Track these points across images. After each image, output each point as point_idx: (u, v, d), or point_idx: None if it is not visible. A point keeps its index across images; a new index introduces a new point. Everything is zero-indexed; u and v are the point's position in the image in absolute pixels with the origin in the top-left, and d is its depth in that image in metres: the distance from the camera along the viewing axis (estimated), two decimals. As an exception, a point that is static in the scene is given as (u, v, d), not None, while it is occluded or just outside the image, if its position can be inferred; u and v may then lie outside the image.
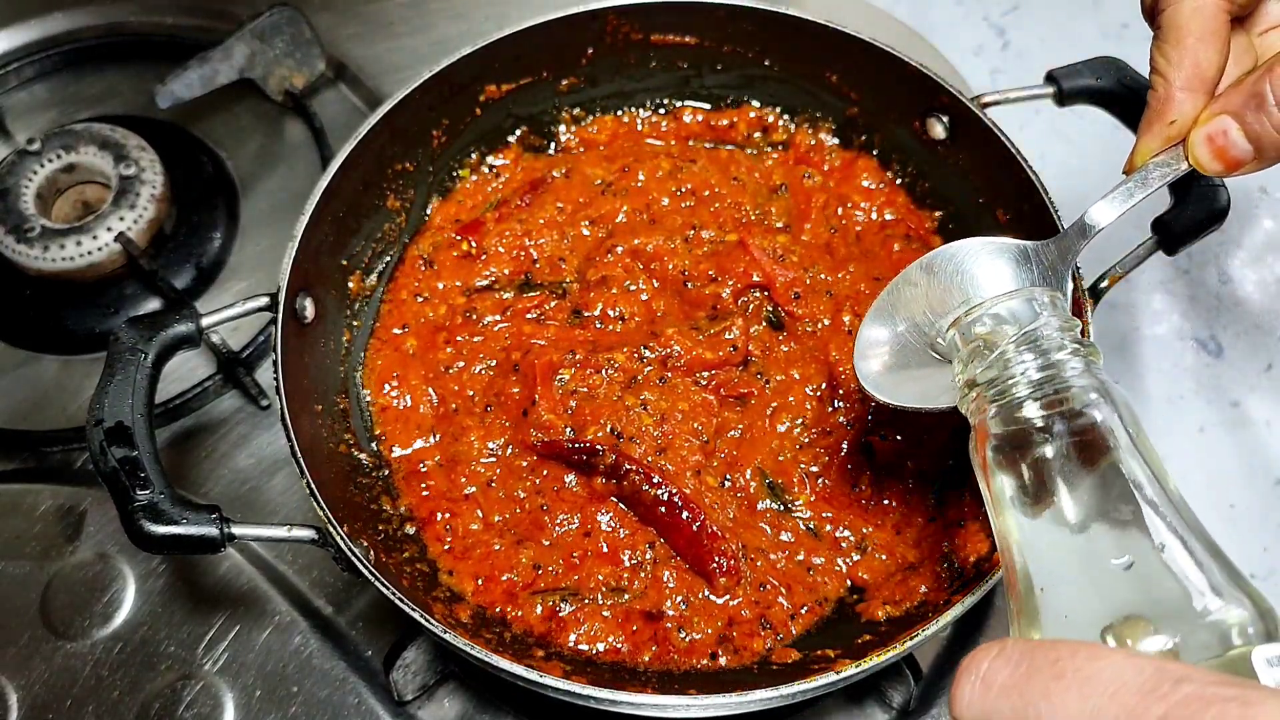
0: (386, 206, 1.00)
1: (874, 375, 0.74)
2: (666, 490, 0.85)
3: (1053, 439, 0.57)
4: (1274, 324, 1.12)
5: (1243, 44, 0.71)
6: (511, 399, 0.91)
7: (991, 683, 0.43)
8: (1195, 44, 0.67)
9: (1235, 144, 0.67)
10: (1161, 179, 0.71)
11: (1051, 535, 0.56)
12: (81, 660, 0.92)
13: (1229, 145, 0.67)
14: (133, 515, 0.73)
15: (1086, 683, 0.41)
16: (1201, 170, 0.69)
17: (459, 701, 0.92)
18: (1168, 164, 0.71)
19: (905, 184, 1.04)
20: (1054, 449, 0.57)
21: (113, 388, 0.77)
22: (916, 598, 0.83)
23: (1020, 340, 0.61)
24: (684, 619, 0.83)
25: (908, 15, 1.33)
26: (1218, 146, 0.67)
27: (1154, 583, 0.52)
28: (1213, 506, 1.04)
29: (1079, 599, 0.53)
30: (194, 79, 1.19)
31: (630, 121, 1.09)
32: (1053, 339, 0.60)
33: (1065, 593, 0.54)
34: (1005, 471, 0.59)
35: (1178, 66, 0.68)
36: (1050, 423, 0.58)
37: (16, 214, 1.09)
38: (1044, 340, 0.60)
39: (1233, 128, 0.66)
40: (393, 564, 0.84)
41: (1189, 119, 0.69)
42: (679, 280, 0.97)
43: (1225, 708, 0.38)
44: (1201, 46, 0.67)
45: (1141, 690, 0.39)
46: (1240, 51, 0.71)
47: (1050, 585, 0.54)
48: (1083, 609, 0.53)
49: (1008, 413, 0.60)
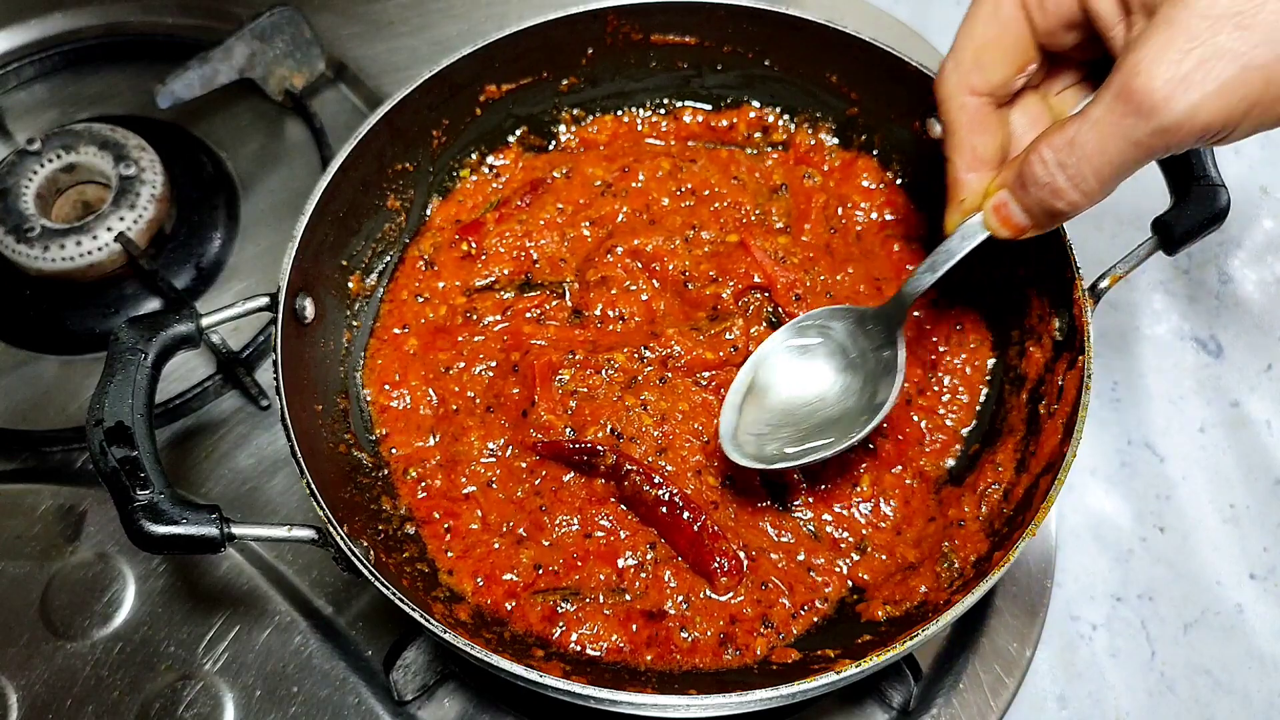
0: (386, 206, 1.00)
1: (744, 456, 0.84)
2: (667, 490, 0.85)
3: None
4: (1274, 324, 1.12)
5: (1037, 108, 0.79)
6: (511, 399, 0.91)
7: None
8: (967, 135, 0.77)
9: (1015, 214, 0.75)
10: (961, 249, 0.80)
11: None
12: (81, 660, 0.92)
13: (1010, 215, 0.75)
14: (133, 515, 0.73)
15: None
16: (997, 235, 0.77)
17: (459, 701, 0.92)
18: (966, 236, 0.79)
19: (905, 184, 1.04)
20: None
21: (113, 388, 0.77)
22: (916, 598, 0.83)
23: None
24: (685, 618, 0.83)
25: (908, 15, 1.33)
26: (1002, 216, 0.76)
27: None
28: (1213, 506, 1.04)
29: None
30: (194, 79, 1.19)
31: (630, 121, 1.09)
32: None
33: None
34: None
35: (958, 153, 0.78)
36: None
37: (16, 214, 1.09)
38: None
39: (1010, 201, 0.75)
40: (393, 564, 0.84)
41: (976, 194, 0.78)
42: (679, 280, 0.97)
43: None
44: (973, 136, 0.77)
45: None
46: (1038, 114, 0.79)
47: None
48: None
49: None
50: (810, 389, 0.86)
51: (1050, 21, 0.70)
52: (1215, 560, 1.01)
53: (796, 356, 0.87)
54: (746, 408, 0.85)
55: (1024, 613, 0.96)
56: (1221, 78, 0.61)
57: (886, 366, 0.84)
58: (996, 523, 0.84)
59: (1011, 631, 0.95)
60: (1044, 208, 0.72)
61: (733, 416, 0.85)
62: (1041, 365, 0.89)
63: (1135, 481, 1.05)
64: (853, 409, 0.84)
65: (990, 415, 0.93)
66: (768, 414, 0.85)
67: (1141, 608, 0.99)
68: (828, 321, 0.87)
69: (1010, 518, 0.83)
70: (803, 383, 0.86)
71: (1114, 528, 1.03)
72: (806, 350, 0.87)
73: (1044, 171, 0.70)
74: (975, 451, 0.91)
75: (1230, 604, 0.99)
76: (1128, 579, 1.01)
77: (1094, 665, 0.97)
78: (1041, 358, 0.89)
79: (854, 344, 0.86)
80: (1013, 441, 0.88)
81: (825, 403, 0.85)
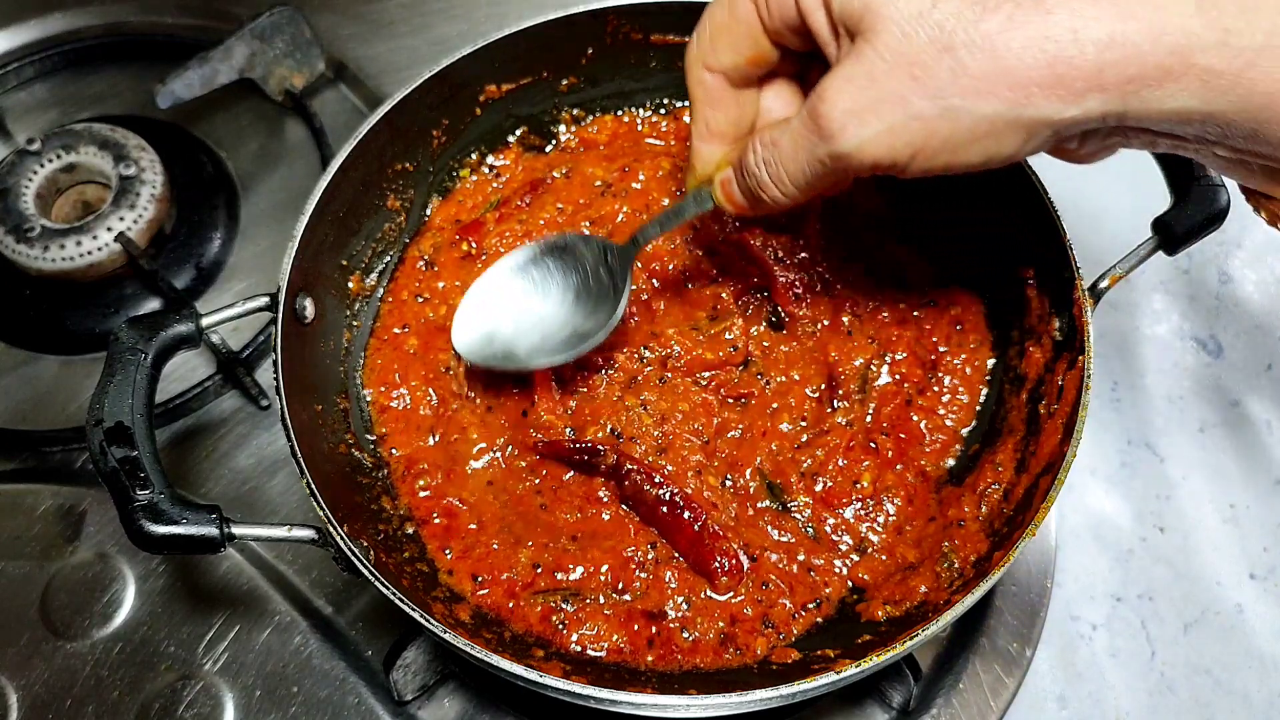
0: (386, 206, 1.00)
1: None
2: (668, 490, 0.85)
3: None
4: (1274, 324, 1.12)
5: (790, 93, 0.80)
6: (511, 400, 0.91)
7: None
8: (701, 107, 0.78)
9: (736, 193, 0.77)
10: (694, 211, 0.82)
11: None
12: (81, 660, 0.92)
13: (733, 193, 0.78)
14: (133, 515, 0.73)
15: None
16: (723, 209, 0.79)
17: (459, 701, 0.92)
18: (698, 200, 0.81)
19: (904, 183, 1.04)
20: None
21: (113, 388, 0.77)
22: (916, 598, 0.83)
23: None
24: (686, 618, 0.83)
25: (908, 15, 1.33)
26: (727, 193, 0.78)
27: None
28: (1213, 506, 1.04)
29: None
30: (194, 79, 1.19)
31: (630, 121, 1.09)
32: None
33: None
34: None
35: (694, 123, 0.80)
36: None
37: (16, 214, 1.09)
38: None
39: (733, 180, 0.77)
40: (393, 564, 0.84)
41: (707, 164, 0.80)
42: (679, 280, 0.97)
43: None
44: (707, 108, 0.78)
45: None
46: (790, 99, 0.80)
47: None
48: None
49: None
50: (553, 298, 0.90)
51: (776, 23, 0.72)
52: (1215, 560, 1.01)
53: (546, 268, 0.91)
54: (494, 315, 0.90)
55: (1024, 613, 0.96)
56: (889, 121, 0.64)
57: (616, 295, 0.87)
58: (996, 523, 0.84)
59: (1011, 631, 0.95)
60: (753, 195, 0.75)
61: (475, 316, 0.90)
62: (1041, 365, 0.89)
63: (1135, 481, 1.05)
64: (590, 329, 0.87)
65: (990, 415, 0.93)
66: (516, 318, 0.90)
67: (1141, 608, 0.99)
68: (578, 244, 0.90)
69: (1010, 518, 0.83)
70: (547, 292, 0.91)
71: (1114, 528, 1.03)
72: (555, 266, 0.91)
73: (754, 161, 0.74)
74: (975, 451, 0.91)
75: (1230, 604, 0.99)
76: (1128, 579, 1.01)
77: (1094, 665, 0.97)
78: (1041, 358, 0.89)
79: (595, 269, 0.89)
80: (1013, 441, 0.88)
81: (564, 317, 0.89)
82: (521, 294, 0.91)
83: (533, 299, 0.91)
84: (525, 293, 0.91)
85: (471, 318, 0.91)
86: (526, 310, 0.90)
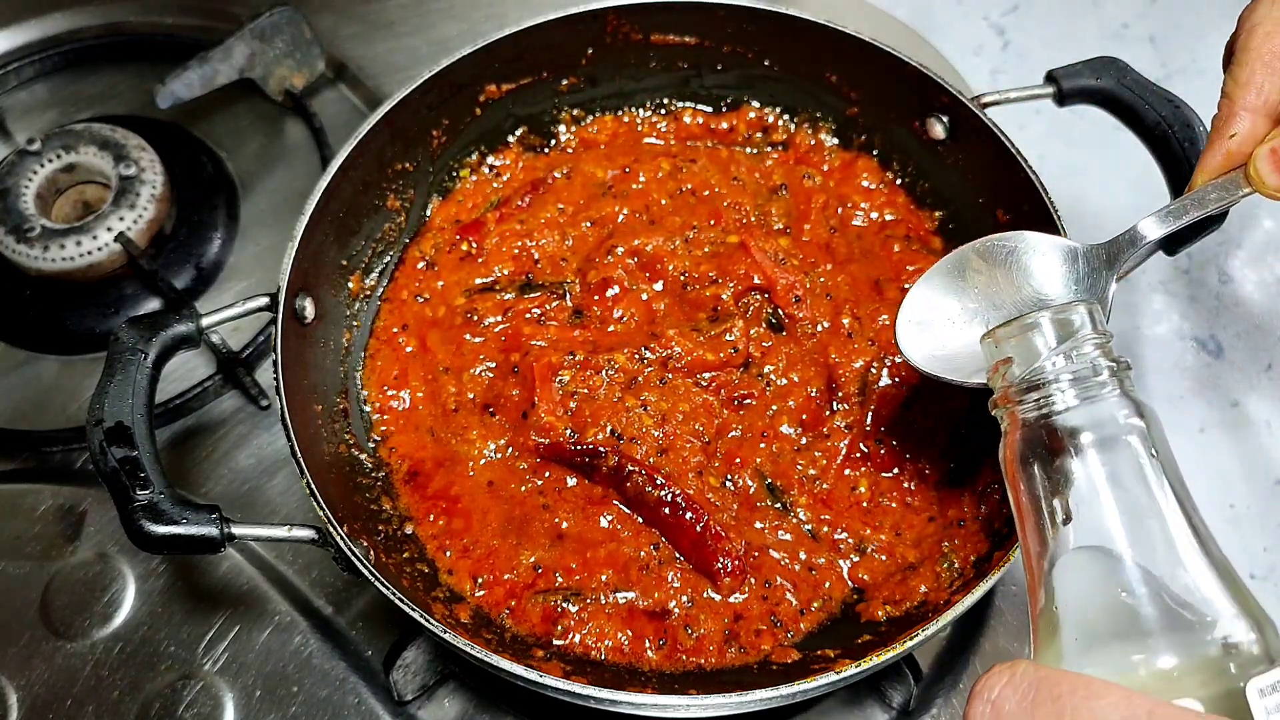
0: (386, 206, 1.00)
1: (914, 342, 0.77)
2: (669, 491, 0.85)
3: (1080, 452, 0.58)
4: (1274, 324, 1.12)
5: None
6: (511, 401, 0.91)
7: (1000, 709, 0.47)
8: (1261, 69, 0.69)
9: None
10: (1218, 201, 0.72)
11: (1070, 547, 0.56)
12: (81, 660, 0.92)
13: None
14: (133, 515, 0.73)
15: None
16: (1260, 188, 0.70)
17: (459, 701, 0.92)
18: (1226, 188, 0.72)
19: (905, 184, 1.04)
20: (1080, 463, 0.57)
21: (113, 388, 0.77)
22: (916, 598, 0.83)
23: (1056, 354, 0.61)
24: (689, 618, 0.83)
25: (908, 15, 1.33)
26: (1279, 160, 0.68)
27: (1164, 604, 0.53)
28: (1213, 506, 1.04)
29: (1091, 614, 0.54)
30: (194, 79, 1.19)
31: (630, 121, 1.09)
32: (1088, 354, 0.61)
33: (1079, 607, 0.55)
34: (1032, 481, 0.59)
35: (1243, 88, 0.70)
36: (1078, 436, 0.58)
37: (16, 214, 1.09)
38: (1079, 355, 0.60)
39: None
40: (393, 564, 0.84)
41: (1248, 136, 0.70)
42: (679, 281, 0.97)
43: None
44: (1267, 73, 0.69)
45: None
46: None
47: (1065, 599, 0.55)
48: (1093, 625, 0.53)
49: (1038, 423, 0.60)
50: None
51: None
52: (1215, 560, 1.01)
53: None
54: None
55: (1024, 613, 0.96)
56: None
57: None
58: (996, 523, 0.84)
59: (1011, 631, 0.95)
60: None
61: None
62: (1042, 365, 0.88)
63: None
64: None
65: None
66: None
67: (1141, 608, 0.99)
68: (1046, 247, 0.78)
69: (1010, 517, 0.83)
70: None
71: (1114, 528, 1.03)
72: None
73: None
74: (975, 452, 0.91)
75: (1230, 604, 0.99)
76: (1128, 579, 1.01)
77: (1094, 665, 0.97)
78: (1042, 358, 0.89)
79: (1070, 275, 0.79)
80: (1013, 441, 0.88)
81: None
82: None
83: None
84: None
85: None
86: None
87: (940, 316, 0.78)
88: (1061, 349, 0.61)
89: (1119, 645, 0.52)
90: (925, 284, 0.79)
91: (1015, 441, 0.61)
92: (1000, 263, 0.78)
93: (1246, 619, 0.51)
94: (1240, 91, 0.70)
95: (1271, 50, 0.69)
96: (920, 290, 0.79)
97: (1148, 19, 1.31)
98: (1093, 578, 0.55)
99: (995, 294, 0.77)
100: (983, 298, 0.77)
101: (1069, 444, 0.58)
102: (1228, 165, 0.72)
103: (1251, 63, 0.69)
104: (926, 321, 0.78)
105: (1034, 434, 0.60)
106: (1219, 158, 0.72)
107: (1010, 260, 0.78)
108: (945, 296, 0.79)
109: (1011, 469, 0.61)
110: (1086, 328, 0.62)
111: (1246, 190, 0.71)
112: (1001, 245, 0.78)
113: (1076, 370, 0.60)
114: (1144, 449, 0.58)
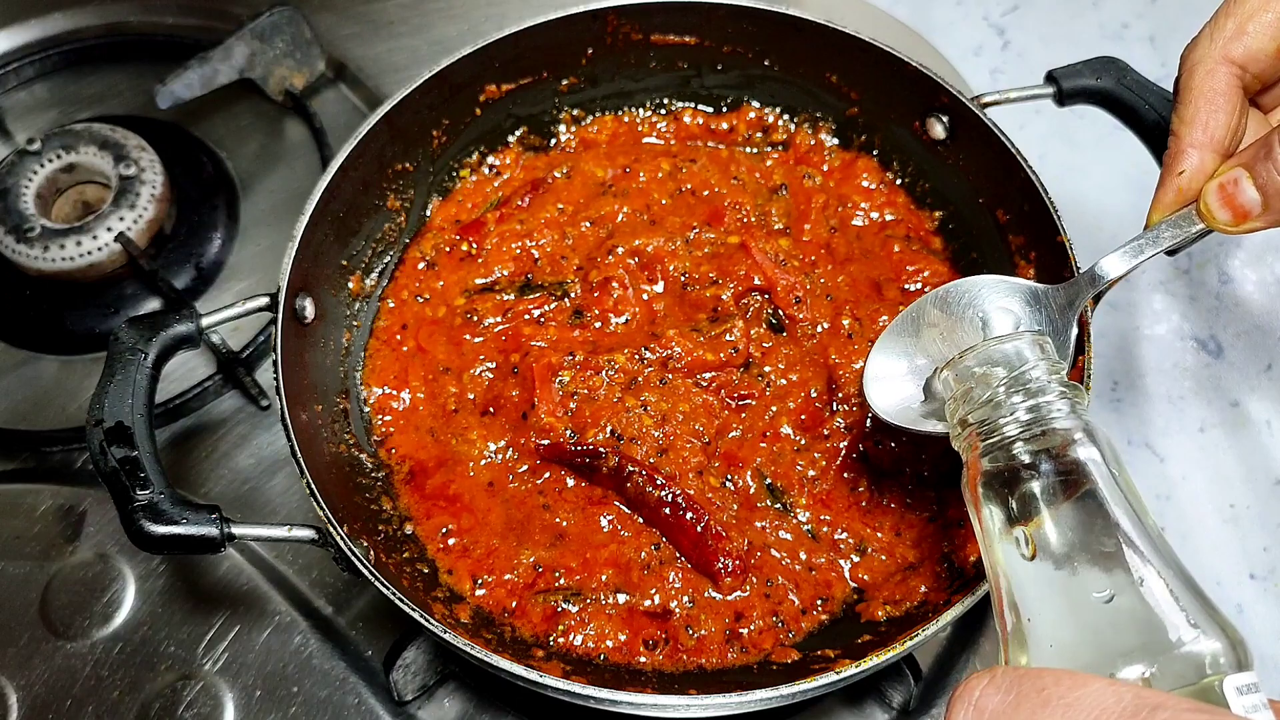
0: (386, 206, 1.00)
1: (884, 398, 0.78)
2: (670, 491, 0.85)
3: (1039, 476, 0.60)
4: (1274, 324, 1.12)
5: (1262, 123, 0.74)
6: (511, 401, 0.91)
7: (984, 710, 0.47)
8: (1205, 106, 0.71)
9: (1244, 192, 0.69)
10: (1172, 239, 0.74)
11: (1037, 568, 0.58)
12: (81, 660, 0.92)
13: (1237, 193, 0.69)
14: (133, 515, 0.73)
15: (1070, 709, 0.44)
16: (1210, 222, 0.71)
17: (459, 701, 0.92)
18: (1179, 224, 0.74)
19: (905, 184, 1.04)
20: (1040, 486, 0.60)
21: (113, 388, 0.77)
22: (916, 598, 0.83)
23: (1010, 383, 0.64)
24: (691, 617, 0.83)
25: (908, 15, 1.33)
26: (1227, 194, 0.70)
27: (1132, 615, 0.54)
28: (1213, 506, 1.04)
29: (1062, 628, 0.55)
30: (194, 79, 1.19)
31: (630, 121, 1.09)
32: (1040, 381, 0.63)
33: (1050, 621, 0.56)
34: (995, 506, 0.61)
35: (1189, 125, 0.72)
36: (1037, 461, 0.61)
37: (16, 214, 1.09)
38: (1032, 383, 0.63)
39: (1243, 177, 0.69)
40: (393, 564, 0.84)
41: (1197, 172, 0.72)
42: (679, 282, 0.97)
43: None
44: (1210, 109, 0.71)
45: (1121, 715, 0.43)
46: (1260, 130, 0.74)
47: (1036, 615, 0.57)
48: (1066, 638, 0.55)
49: (997, 451, 0.62)
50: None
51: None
52: (1215, 560, 1.01)
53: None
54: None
55: (1024, 613, 0.96)
56: None
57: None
58: (996, 523, 0.84)
59: (1011, 631, 0.95)
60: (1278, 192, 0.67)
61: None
62: (1041, 365, 0.89)
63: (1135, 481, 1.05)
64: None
65: (990, 415, 0.93)
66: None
67: (1141, 608, 0.99)
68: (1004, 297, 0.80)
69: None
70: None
71: (1114, 528, 1.03)
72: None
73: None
74: (975, 452, 0.91)
75: (1230, 604, 0.99)
76: (1128, 579, 1.01)
77: (1094, 665, 0.97)
78: (1042, 358, 0.89)
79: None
80: (1013, 442, 0.88)
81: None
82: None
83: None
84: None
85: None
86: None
87: (903, 369, 0.80)
88: (1010, 378, 0.64)
89: (1092, 655, 0.53)
90: (885, 340, 0.81)
91: (975, 471, 0.63)
92: (960, 308, 0.80)
93: (1214, 630, 0.53)
94: (1186, 129, 0.72)
95: (1213, 88, 0.71)
96: (882, 345, 0.81)
97: (1148, 19, 1.31)
98: (1060, 597, 0.57)
99: (959, 339, 0.79)
100: (946, 343, 0.79)
101: (1024, 471, 0.61)
102: (1180, 202, 0.74)
103: (1195, 100, 0.72)
104: (890, 376, 0.80)
105: (992, 463, 0.62)
106: (1171, 194, 0.74)
107: (969, 304, 0.80)
108: (907, 349, 0.80)
109: (974, 496, 0.63)
110: (1034, 356, 0.64)
111: (1200, 226, 0.73)
112: (959, 291, 0.80)
113: (1029, 399, 0.62)
114: (1098, 472, 0.60)
